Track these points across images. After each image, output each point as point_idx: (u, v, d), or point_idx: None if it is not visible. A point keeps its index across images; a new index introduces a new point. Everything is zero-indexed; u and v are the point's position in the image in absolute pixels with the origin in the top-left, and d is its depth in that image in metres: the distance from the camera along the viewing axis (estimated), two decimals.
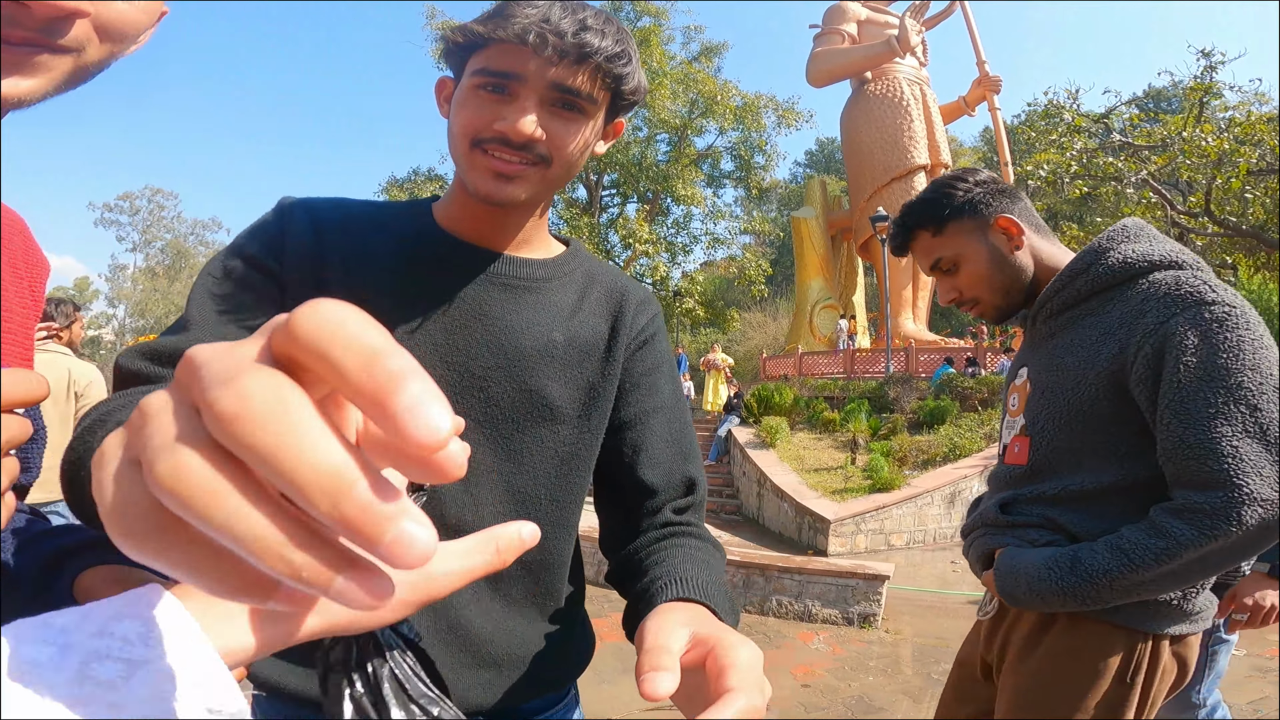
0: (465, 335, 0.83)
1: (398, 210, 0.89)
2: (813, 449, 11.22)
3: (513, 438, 0.83)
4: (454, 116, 0.81)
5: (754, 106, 22.80)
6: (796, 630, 5.13)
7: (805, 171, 45.77)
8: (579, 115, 0.80)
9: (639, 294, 0.96)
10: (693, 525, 0.90)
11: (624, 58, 0.79)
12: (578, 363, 0.87)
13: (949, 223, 1.42)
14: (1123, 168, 13.73)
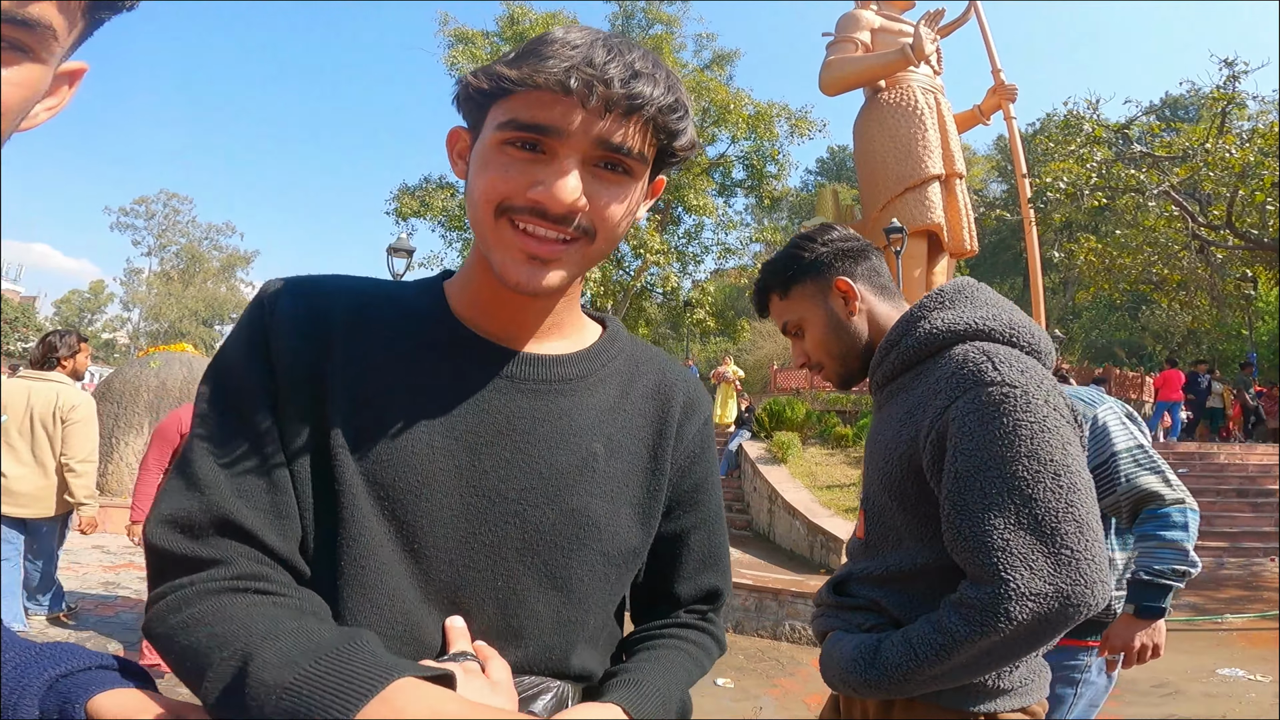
0: (492, 455, 0.71)
1: (407, 293, 0.77)
2: (825, 465, 11.06)
3: (557, 563, 0.73)
4: (475, 179, 0.68)
5: (766, 115, 22.71)
6: (810, 656, 4.99)
7: (817, 180, 45.66)
8: (625, 177, 0.69)
9: (687, 390, 0.86)
10: (699, 624, 0.87)
11: (678, 109, 0.68)
12: (622, 477, 0.77)
13: (793, 286, 1.40)
14: (1144, 179, 13.52)
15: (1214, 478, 10.71)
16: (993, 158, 39.77)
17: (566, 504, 0.73)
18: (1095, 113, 14.93)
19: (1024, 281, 32.43)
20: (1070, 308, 31.40)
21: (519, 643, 0.72)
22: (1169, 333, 26.86)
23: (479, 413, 0.72)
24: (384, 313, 0.74)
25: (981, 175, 37.52)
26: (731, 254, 23.89)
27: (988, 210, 24.41)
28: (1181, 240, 15.21)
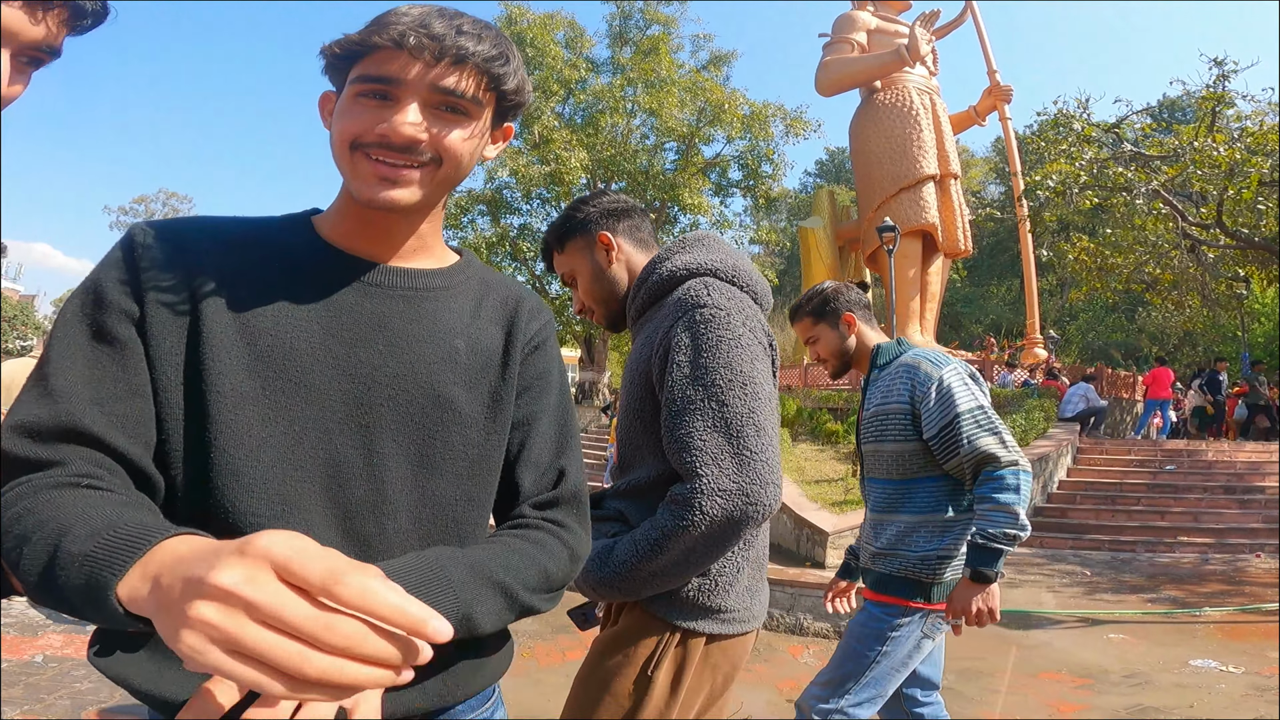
0: (367, 348, 0.82)
1: (272, 225, 0.87)
2: (814, 460, 11.11)
3: (424, 444, 0.84)
4: (335, 125, 0.81)
5: (762, 115, 22.73)
6: (786, 644, 5.03)
7: (815, 181, 45.70)
8: (463, 117, 0.81)
9: (531, 301, 0.98)
10: (536, 522, 0.90)
11: (501, 59, 0.80)
12: (480, 369, 0.89)
13: (567, 241, 1.59)
14: (1133, 178, 13.52)
15: (1202, 474, 10.76)
16: (991, 159, 39.82)
17: (433, 390, 0.84)
18: (1085, 112, 14.89)
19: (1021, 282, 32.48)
20: (1067, 309, 31.41)
21: (392, 514, 0.81)
22: (1165, 334, 26.88)
23: (354, 314, 0.82)
24: (253, 240, 0.83)
25: (980, 177, 37.56)
26: None
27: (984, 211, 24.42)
28: (1172, 240, 15.17)
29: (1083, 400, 12.39)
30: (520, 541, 0.86)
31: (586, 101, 23.09)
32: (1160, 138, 14.85)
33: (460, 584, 0.75)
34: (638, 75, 22.34)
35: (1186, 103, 26.37)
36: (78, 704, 3.41)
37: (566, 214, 1.62)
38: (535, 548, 0.86)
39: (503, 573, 0.80)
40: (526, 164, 20.96)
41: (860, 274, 22.32)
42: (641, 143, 23.45)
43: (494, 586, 0.78)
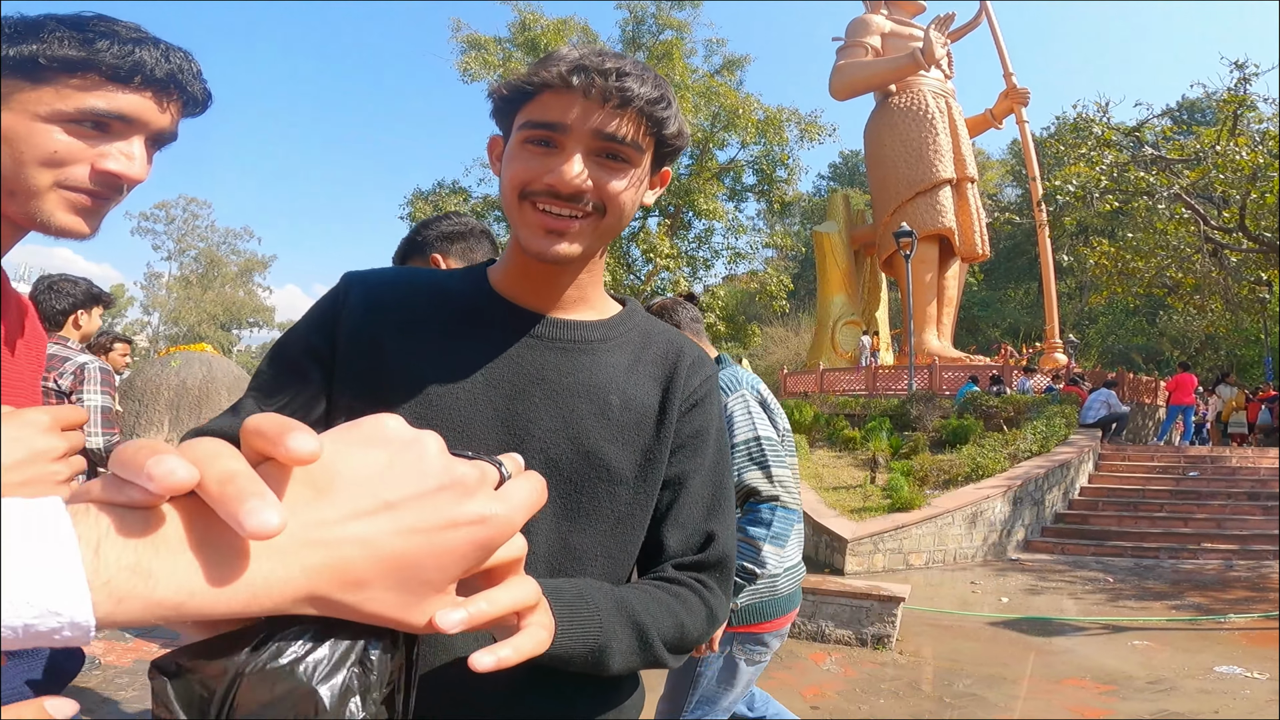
0: (525, 400, 0.84)
1: (454, 277, 0.93)
2: (832, 467, 11.11)
3: (571, 497, 0.85)
4: (504, 171, 0.83)
5: (776, 120, 22.72)
6: (809, 650, 5.06)
7: (829, 185, 45.51)
8: (625, 164, 0.82)
9: (692, 354, 0.96)
10: (679, 579, 0.88)
11: (664, 102, 0.81)
12: (633, 426, 0.88)
13: (405, 262, 1.73)
14: (1154, 182, 13.42)
15: (1225, 481, 10.66)
16: (1008, 162, 39.53)
17: (584, 445, 0.85)
18: (1105, 115, 14.79)
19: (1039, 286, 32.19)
20: (1086, 312, 31.11)
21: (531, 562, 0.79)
22: (1186, 338, 26.56)
23: (514, 365, 0.85)
24: (432, 293, 0.90)
25: (996, 180, 37.32)
26: (742, 258, 23.92)
27: (1001, 215, 24.24)
28: (1194, 244, 15.03)
29: (1104, 406, 12.30)
30: (662, 592, 0.84)
31: None
32: (1181, 140, 14.70)
33: (605, 613, 0.75)
34: None
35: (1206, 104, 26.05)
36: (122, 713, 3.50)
37: (409, 236, 1.76)
38: (677, 601, 0.84)
39: (644, 615, 0.79)
40: None
41: (875, 278, 22.26)
42: None
43: (633, 626, 0.78)
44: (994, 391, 13.78)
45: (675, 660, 0.84)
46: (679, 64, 22.66)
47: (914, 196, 19.39)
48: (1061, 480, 10.10)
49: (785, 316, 31.07)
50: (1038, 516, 9.66)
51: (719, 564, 0.91)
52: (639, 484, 0.87)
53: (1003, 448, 10.35)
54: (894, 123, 20.24)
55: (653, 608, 0.81)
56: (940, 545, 8.55)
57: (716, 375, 0.98)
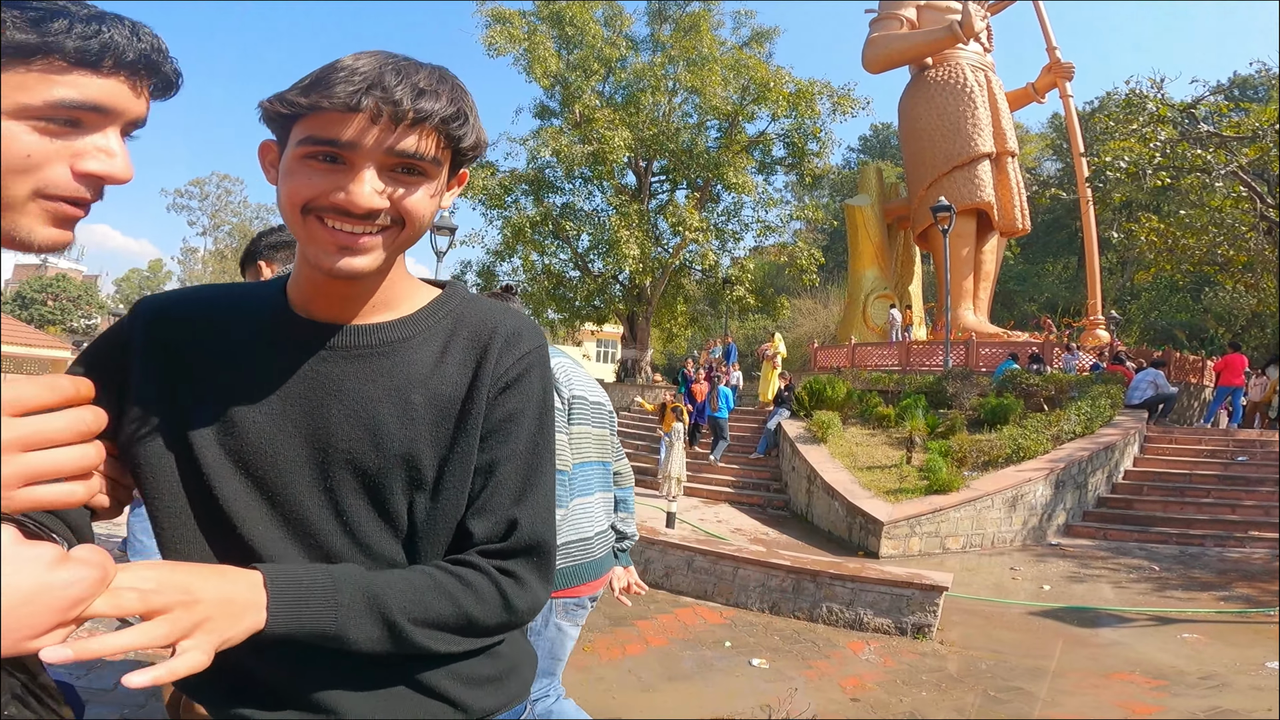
0: (323, 415, 0.83)
1: (254, 293, 0.90)
2: (866, 445, 10.92)
3: (387, 500, 0.84)
4: (282, 185, 0.78)
5: (808, 93, 22.18)
6: (847, 639, 4.96)
7: (859, 158, 44.68)
8: (421, 178, 0.79)
9: (508, 329, 0.90)
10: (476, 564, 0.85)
11: (459, 118, 0.78)
12: (439, 421, 0.85)
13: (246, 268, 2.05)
14: (1211, 159, 13.01)
15: (1276, 466, 10.28)
16: (1047, 135, 38.38)
17: (391, 450, 0.83)
18: (1160, 92, 14.39)
19: (1078, 261, 31.33)
20: (1128, 289, 30.27)
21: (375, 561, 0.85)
22: (1233, 316, 25.74)
23: (310, 381, 0.84)
24: (229, 314, 0.88)
25: (1035, 154, 36.27)
26: (772, 231, 23.51)
27: (1041, 189, 23.62)
28: (1248, 221, 14.63)
29: (1151, 386, 11.91)
30: (445, 577, 0.83)
31: (627, 80, 22.83)
32: (1236, 119, 14.22)
33: (346, 604, 0.77)
34: (679, 53, 22.00)
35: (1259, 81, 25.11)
36: None
37: (250, 245, 2.08)
38: (461, 587, 0.82)
39: (396, 605, 0.79)
40: (568, 144, 20.85)
41: (908, 252, 21.83)
42: (683, 121, 23.13)
43: (379, 617, 0.78)
44: (1034, 370, 13.43)
45: (452, 646, 0.83)
46: (706, 36, 22.19)
47: (951, 170, 18.98)
48: (1106, 463, 9.83)
49: (814, 290, 30.66)
50: (1080, 500, 9.42)
51: (527, 551, 0.87)
52: (449, 479, 0.86)
53: (1046, 428, 10.06)
54: (930, 96, 19.76)
55: (420, 596, 0.80)
56: (978, 529, 8.37)
57: (540, 348, 0.92)
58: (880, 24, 20.92)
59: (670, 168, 23.37)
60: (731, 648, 4.67)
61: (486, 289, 23.67)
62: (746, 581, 5.55)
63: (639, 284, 22.56)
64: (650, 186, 23.99)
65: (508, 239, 21.79)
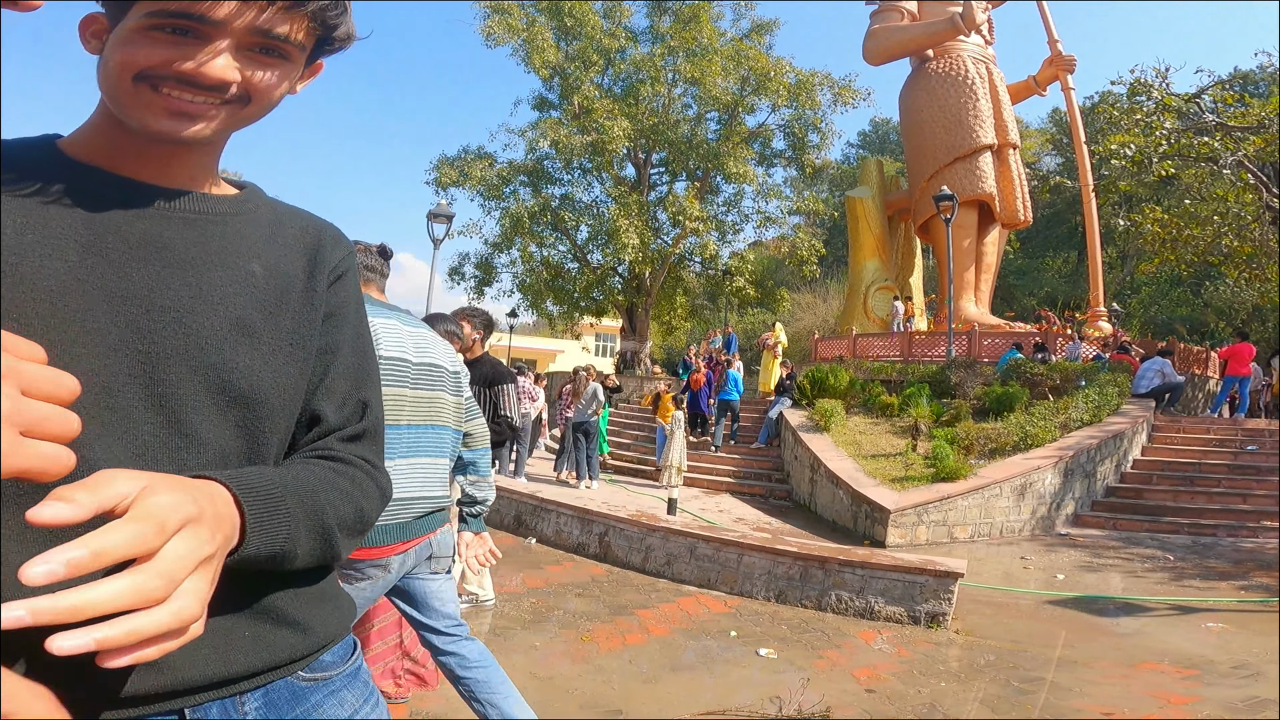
0: (144, 270, 0.71)
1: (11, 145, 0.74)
2: (869, 434, 10.69)
3: (225, 367, 0.73)
4: (113, 53, 0.70)
5: (808, 84, 22.02)
6: (857, 628, 4.73)
7: (858, 152, 44.50)
8: (282, 60, 0.74)
9: (331, 230, 0.91)
10: (349, 458, 0.83)
11: (337, 6, 0.75)
12: (281, 294, 0.80)
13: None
14: (1219, 148, 12.91)
15: None
16: (1047, 130, 38.22)
17: (229, 314, 0.74)
18: (1165, 81, 14.28)
19: (1078, 255, 31.17)
20: (1128, 283, 30.13)
21: (198, 447, 0.71)
22: (1233, 310, 25.62)
23: (122, 233, 0.72)
24: None
25: (1035, 148, 36.12)
26: (772, 223, 23.30)
27: (1042, 184, 23.48)
28: (1253, 212, 14.53)
29: (1158, 375, 11.71)
30: (339, 478, 0.79)
31: (626, 71, 22.63)
32: (1241, 109, 14.16)
33: (296, 516, 0.69)
34: (678, 44, 21.81)
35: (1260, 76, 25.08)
36: None
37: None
38: (353, 486, 0.80)
39: (329, 511, 0.74)
40: (567, 135, 20.63)
41: (910, 244, 21.64)
42: (683, 112, 22.93)
43: (320, 527, 0.73)
44: (1039, 359, 13.24)
45: (351, 549, 0.80)
46: (707, 27, 22.01)
47: (953, 162, 18.84)
48: (1114, 452, 9.62)
49: (813, 284, 30.43)
50: (1088, 490, 9.21)
51: (376, 434, 0.88)
52: (293, 351, 0.80)
53: (1053, 416, 9.85)
54: (932, 88, 19.61)
55: (335, 499, 0.76)
56: (986, 518, 8.15)
57: (355, 253, 0.93)
58: (881, 16, 20.78)
59: (670, 159, 23.17)
60: (737, 637, 4.44)
61: (485, 281, 23.47)
62: (751, 569, 5.32)
63: (638, 275, 22.35)
64: (650, 178, 23.78)
65: (506, 230, 21.57)
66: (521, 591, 5.09)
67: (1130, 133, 14.30)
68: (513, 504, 7.09)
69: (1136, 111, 14.63)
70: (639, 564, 5.84)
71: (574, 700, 3.38)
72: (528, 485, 7.92)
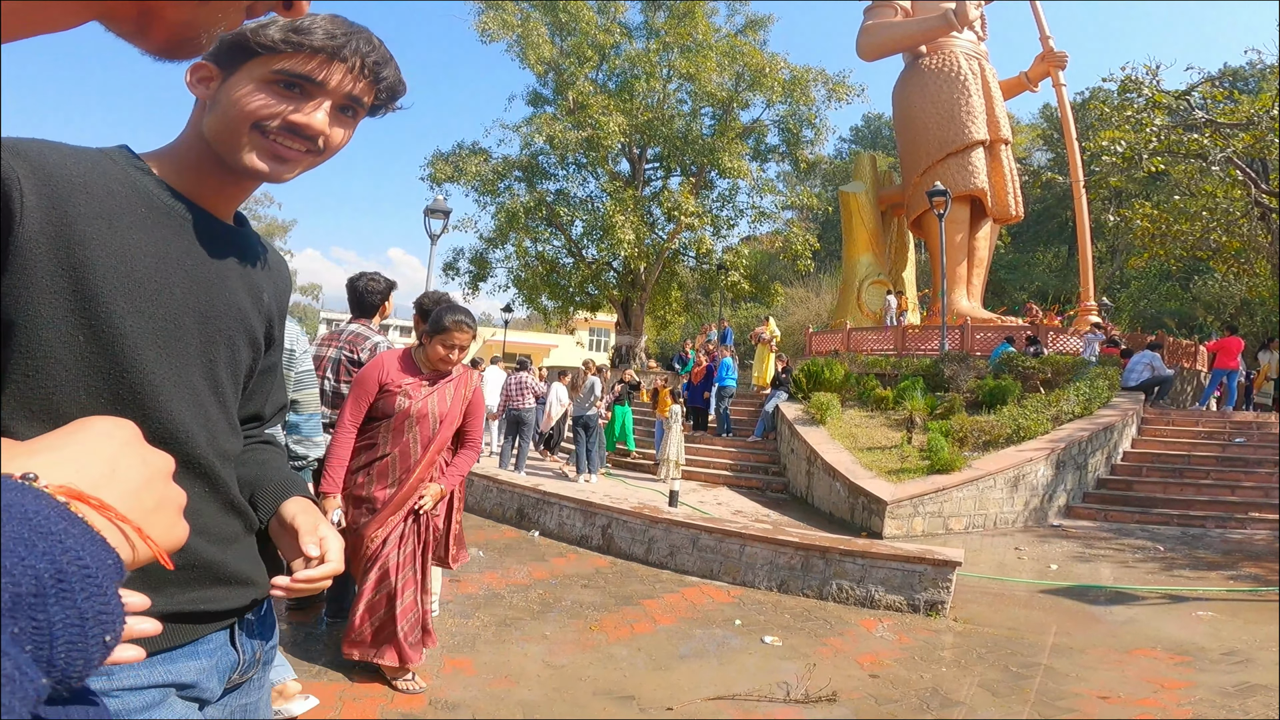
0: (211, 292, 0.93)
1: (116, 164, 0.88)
2: (865, 427, 10.81)
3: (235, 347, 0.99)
4: (236, 101, 0.89)
5: (803, 80, 22.09)
6: (858, 617, 4.82)
7: (851, 147, 44.60)
8: (353, 119, 0.97)
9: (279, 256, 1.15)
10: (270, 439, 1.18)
11: (401, 86, 1.00)
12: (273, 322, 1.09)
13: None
14: (1209, 144, 13.06)
15: (1272, 448, 10.26)
16: (1038, 126, 38.40)
17: (251, 334, 1.01)
18: (1155, 79, 14.43)
19: (1069, 250, 31.36)
20: (1118, 277, 30.38)
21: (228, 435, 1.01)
22: (1222, 304, 25.89)
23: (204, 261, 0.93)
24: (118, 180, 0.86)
25: (1026, 144, 36.32)
26: (766, 218, 23.40)
27: (1033, 179, 23.64)
28: (1241, 207, 14.72)
29: (1148, 369, 11.87)
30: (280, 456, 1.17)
31: (621, 67, 22.62)
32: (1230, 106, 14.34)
33: None
34: (673, 40, 21.81)
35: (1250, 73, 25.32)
36: None
37: None
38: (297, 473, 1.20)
39: None
40: (562, 130, 20.62)
41: (903, 238, 21.76)
42: (678, 108, 22.94)
43: None
44: (1031, 352, 13.38)
45: None
46: (701, 23, 22.03)
47: (945, 157, 18.97)
48: (1105, 444, 9.77)
49: (806, 278, 30.53)
50: (1080, 482, 9.35)
51: None
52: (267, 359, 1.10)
53: (1045, 409, 9.99)
54: (925, 84, 19.71)
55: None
56: (981, 509, 8.28)
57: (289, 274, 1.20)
58: (875, 12, 20.86)
59: (664, 154, 23.19)
60: (742, 626, 4.53)
61: (480, 276, 23.47)
62: (754, 560, 5.41)
63: (633, 269, 22.38)
64: (644, 173, 23.79)
65: (501, 225, 21.55)
66: (529, 583, 5.16)
67: (1121, 129, 14.45)
68: (515, 497, 7.15)
69: (1127, 108, 14.78)
70: (642, 555, 5.92)
71: (587, 687, 3.46)
72: (529, 479, 7.98)
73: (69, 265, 0.78)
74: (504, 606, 4.59)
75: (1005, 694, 3.67)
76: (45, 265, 0.76)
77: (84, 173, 0.82)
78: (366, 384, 3.13)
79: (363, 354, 3.63)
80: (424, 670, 3.35)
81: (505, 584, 5.04)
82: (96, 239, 0.80)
